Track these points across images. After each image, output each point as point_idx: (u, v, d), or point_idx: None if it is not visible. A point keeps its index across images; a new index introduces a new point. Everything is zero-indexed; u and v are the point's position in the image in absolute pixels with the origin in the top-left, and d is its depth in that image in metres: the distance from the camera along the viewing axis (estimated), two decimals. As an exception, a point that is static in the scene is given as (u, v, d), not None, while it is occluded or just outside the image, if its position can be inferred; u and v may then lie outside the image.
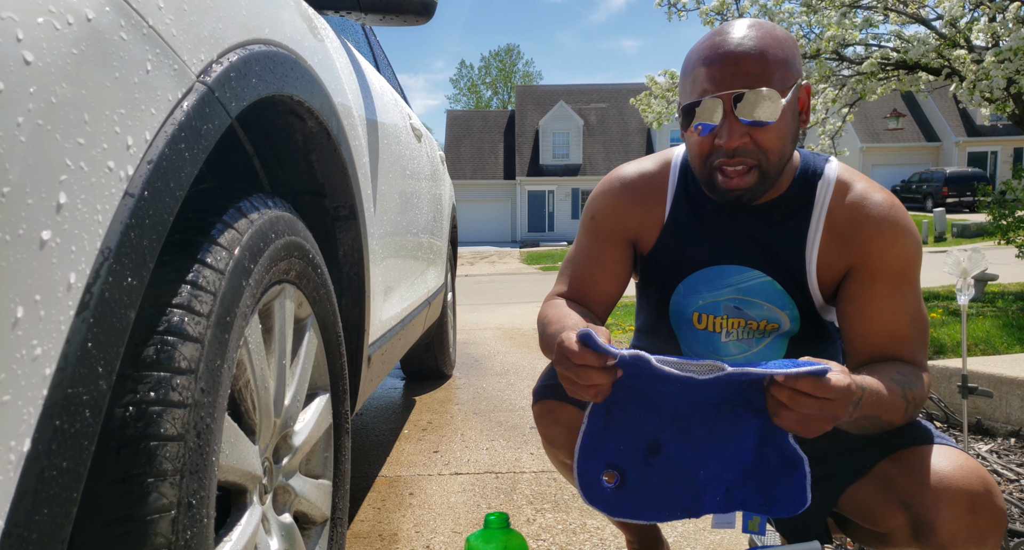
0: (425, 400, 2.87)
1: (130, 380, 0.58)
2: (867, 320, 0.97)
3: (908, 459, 0.90)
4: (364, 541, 1.56)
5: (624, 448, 0.89)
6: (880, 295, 0.96)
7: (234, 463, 0.75)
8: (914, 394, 0.90)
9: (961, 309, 1.46)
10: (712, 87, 0.91)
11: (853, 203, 1.00)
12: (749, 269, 1.05)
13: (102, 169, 0.49)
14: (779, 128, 0.92)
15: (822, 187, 1.02)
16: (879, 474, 0.92)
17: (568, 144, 27.43)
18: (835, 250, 1.00)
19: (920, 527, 0.84)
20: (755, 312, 1.06)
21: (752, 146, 0.93)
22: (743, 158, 0.93)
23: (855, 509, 0.94)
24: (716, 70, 0.91)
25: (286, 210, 0.92)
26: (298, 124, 1.04)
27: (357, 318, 1.38)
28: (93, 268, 0.48)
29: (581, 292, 1.13)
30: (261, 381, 0.84)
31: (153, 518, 0.56)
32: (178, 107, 0.60)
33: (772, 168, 0.95)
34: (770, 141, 0.93)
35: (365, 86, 1.44)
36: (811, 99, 1.00)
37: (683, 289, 1.10)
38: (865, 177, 1.04)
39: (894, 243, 0.97)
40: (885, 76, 5.65)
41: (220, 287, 0.69)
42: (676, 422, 0.88)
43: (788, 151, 0.96)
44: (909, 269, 0.97)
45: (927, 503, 0.84)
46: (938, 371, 2.32)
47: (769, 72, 0.90)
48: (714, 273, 1.07)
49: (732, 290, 1.06)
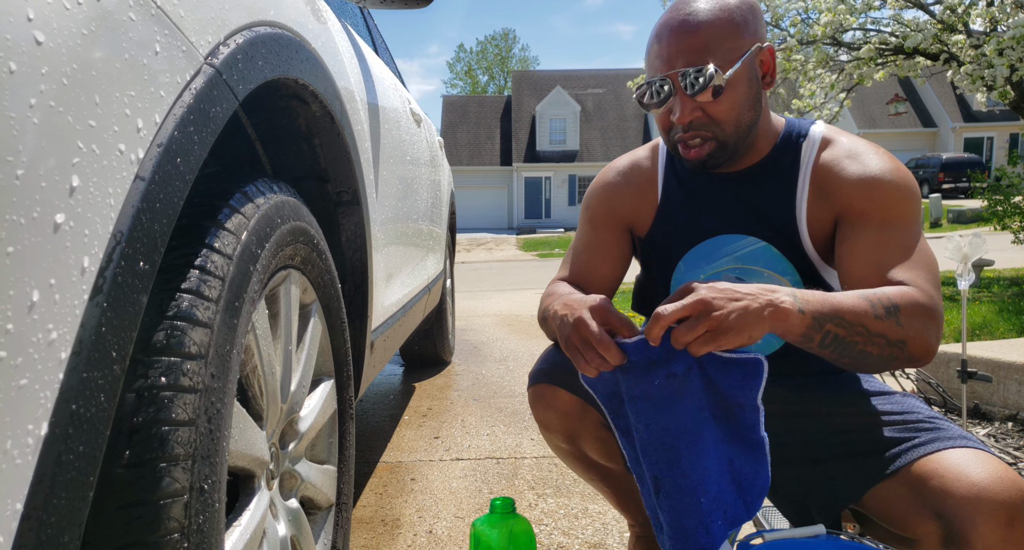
0: (425, 386, 2.88)
1: (141, 365, 0.58)
2: (854, 259, 0.95)
3: (942, 465, 0.85)
4: (367, 526, 1.57)
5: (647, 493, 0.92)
6: (866, 236, 0.95)
7: (242, 448, 0.75)
8: (894, 302, 0.85)
9: (961, 294, 1.47)
10: (662, 65, 0.96)
11: (834, 155, 1.01)
12: (743, 236, 1.05)
13: (113, 152, 0.49)
14: (730, 98, 0.95)
15: (807, 147, 1.03)
16: (910, 478, 0.87)
17: (565, 130, 27.31)
18: (821, 204, 1.00)
19: (952, 538, 0.80)
20: (756, 280, 1.05)
21: (705, 119, 0.96)
22: (698, 131, 0.97)
23: (880, 511, 0.90)
24: (664, 48, 0.95)
25: (291, 195, 0.92)
26: (301, 108, 1.03)
27: (360, 304, 1.37)
28: (106, 252, 0.48)
29: (582, 278, 1.17)
30: (268, 367, 0.84)
31: (166, 502, 0.56)
32: (187, 90, 0.59)
33: (729, 137, 0.98)
34: (722, 113, 0.96)
35: (366, 70, 1.43)
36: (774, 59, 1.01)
37: (683, 267, 1.10)
38: (852, 135, 1.05)
39: (875, 186, 0.96)
40: (883, 62, 5.63)
41: (228, 272, 0.69)
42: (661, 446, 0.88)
43: (747, 118, 0.98)
44: (894, 209, 0.95)
45: (964, 515, 0.80)
46: (936, 357, 2.34)
47: (714, 45, 0.93)
48: (711, 245, 1.08)
49: (731, 259, 1.06)
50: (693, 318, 0.79)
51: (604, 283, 1.16)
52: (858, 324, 0.83)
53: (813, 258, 1.03)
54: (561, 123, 27.35)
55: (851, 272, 0.95)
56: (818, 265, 1.03)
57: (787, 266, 1.04)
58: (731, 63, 0.94)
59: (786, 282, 1.04)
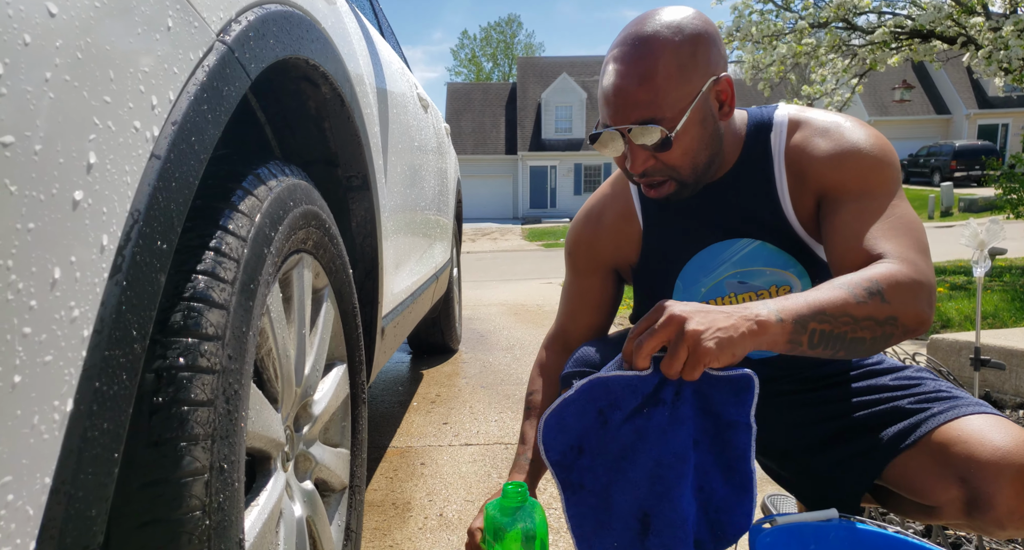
0: (433, 374, 2.89)
1: (160, 345, 0.58)
2: (836, 235, 0.93)
3: (964, 430, 0.86)
4: (378, 509, 1.58)
5: (618, 541, 0.85)
6: (845, 210, 0.93)
7: (259, 430, 0.75)
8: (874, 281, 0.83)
9: (976, 282, 1.45)
10: (611, 115, 0.92)
11: (804, 136, 0.99)
12: (736, 240, 1.04)
13: (128, 129, 0.48)
14: (682, 146, 0.92)
15: (775, 136, 1.01)
16: (932, 446, 0.88)
17: (571, 118, 27.16)
18: (801, 188, 0.99)
19: (976, 502, 0.81)
20: (760, 280, 1.04)
21: (660, 166, 0.95)
22: (654, 177, 0.96)
23: (901, 481, 0.91)
24: (609, 102, 0.92)
25: (302, 179, 0.91)
26: (311, 90, 1.03)
27: (370, 290, 1.37)
28: (124, 230, 0.47)
29: (568, 330, 1.21)
30: (283, 350, 0.84)
31: (187, 481, 0.56)
32: (200, 67, 0.58)
33: (687, 177, 0.96)
34: (676, 159, 0.94)
35: (374, 52, 1.42)
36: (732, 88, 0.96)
37: (682, 284, 1.09)
38: (819, 111, 1.02)
39: (846, 158, 0.94)
40: (898, 45, 5.55)
41: (243, 254, 0.69)
42: (651, 477, 0.84)
43: (703, 157, 0.96)
44: (869, 178, 0.93)
45: (988, 478, 0.81)
46: (947, 344, 2.32)
47: (661, 98, 0.89)
48: (706, 256, 1.06)
49: (729, 265, 1.05)
50: (672, 343, 0.77)
51: (590, 331, 1.19)
52: (842, 315, 0.81)
53: (809, 242, 1.01)
54: (567, 110, 27.19)
55: (834, 248, 0.93)
56: (815, 248, 1.02)
57: (787, 259, 1.03)
58: (681, 112, 0.90)
59: (789, 274, 1.03)
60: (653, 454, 0.83)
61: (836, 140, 0.96)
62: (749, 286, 1.05)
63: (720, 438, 0.86)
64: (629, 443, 0.83)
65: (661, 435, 0.83)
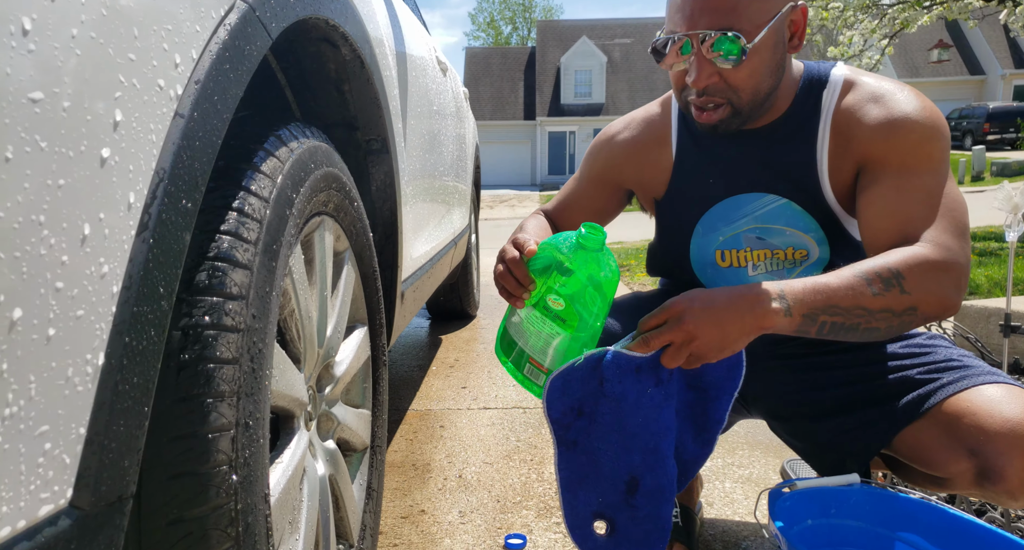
0: (451, 339, 2.91)
1: (185, 304, 0.59)
2: (872, 209, 0.91)
3: (974, 402, 0.85)
4: (399, 470, 1.62)
5: (603, 496, 0.88)
6: (886, 183, 0.90)
7: (283, 389, 0.77)
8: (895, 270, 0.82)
9: (1009, 247, 1.42)
10: (682, 24, 0.88)
11: (856, 99, 0.96)
12: (763, 194, 1.02)
13: (153, 87, 0.48)
14: (751, 66, 0.89)
15: (827, 94, 0.98)
16: (942, 417, 0.87)
17: (591, 82, 26.70)
18: (842, 152, 0.96)
19: (986, 474, 0.81)
20: (778, 239, 1.03)
21: (722, 84, 0.91)
22: (712, 97, 0.92)
23: (911, 452, 0.90)
24: (684, 6, 0.88)
25: (323, 141, 0.91)
26: (331, 52, 1.02)
27: (390, 254, 1.38)
28: (150, 189, 0.48)
29: (558, 219, 1.20)
30: (305, 311, 0.85)
31: (214, 436, 0.58)
32: (221, 25, 0.58)
33: (745, 105, 0.93)
34: (741, 80, 0.90)
35: (393, 14, 1.40)
36: (806, 19, 0.94)
37: (701, 229, 1.07)
38: (876, 75, 0.99)
39: (896, 128, 0.90)
40: (931, 3, 5.35)
41: (265, 215, 0.69)
42: (644, 449, 0.87)
43: (766, 85, 0.93)
44: (916, 152, 0.90)
45: (998, 450, 0.80)
46: (976, 311, 2.29)
47: (743, 5, 0.85)
48: (730, 205, 1.04)
49: (750, 219, 1.03)
50: (675, 347, 0.81)
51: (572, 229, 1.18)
52: (855, 307, 0.81)
53: (836, 211, 0.99)
54: (587, 75, 26.72)
55: (869, 223, 0.91)
56: (842, 218, 1.00)
57: (809, 222, 1.01)
58: (758, 28, 0.87)
59: (809, 239, 1.02)
60: (649, 428, 0.87)
61: (888, 108, 0.92)
62: (766, 243, 1.04)
63: (703, 407, 0.91)
64: (626, 413, 0.86)
65: (657, 411, 0.87)
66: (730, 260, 1.07)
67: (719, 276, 1.09)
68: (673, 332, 0.81)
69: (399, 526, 1.35)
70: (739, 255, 1.06)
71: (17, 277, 0.36)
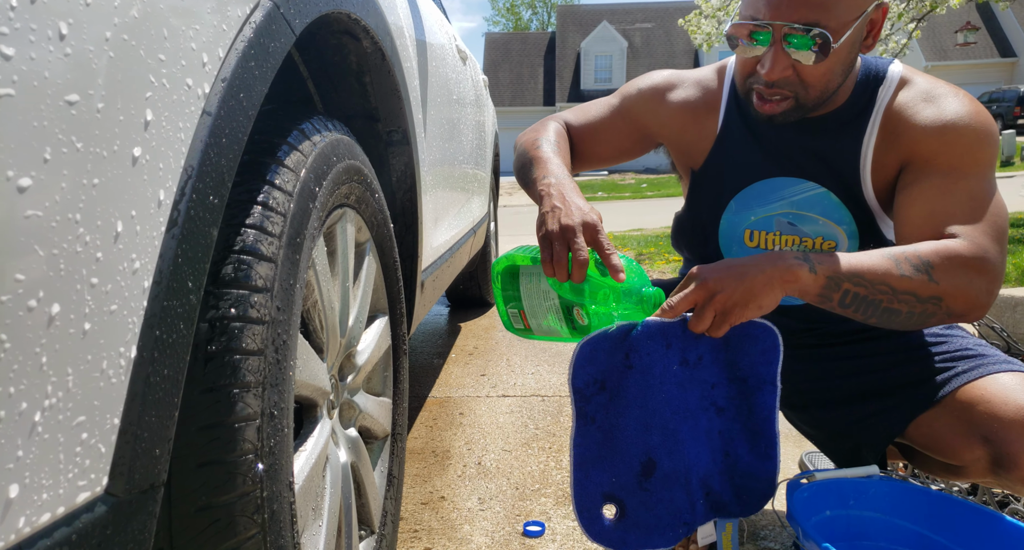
0: (470, 326, 2.93)
1: (212, 297, 0.61)
2: (911, 207, 0.90)
3: (988, 390, 0.86)
4: (419, 456, 1.64)
5: (616, 477, 0.86)
6: (929, 182, 0.89)
7: (306, 378, 0.79)
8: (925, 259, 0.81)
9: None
10: (766, 9, 0.85)
11: (909, 97, 0.95)
12: (803, 180, 1.01)
13: (181, 87, 0.49)
14: (829, 64, 0.87)
15: (883, 90, 0.96)
16: (955, 405, 0.88)
17: (611, 68, 26.41)
18: (887, 149, 0.95)
19: (1001, 461, 0.82)
20: (810, 227, 1.02)
21: (795, 79, 0.89)
22: (781, 89, 0.90)
23: (926, 440, 0.91)
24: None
25: (345, 134, 0.92)
26: (352, 44, 1.02)
27: (410, 244, 1.39)
28: (179, 186, 0.49)
29: (580, 139, 1.15)
30: (328, 302, 0.86)
31: (240, 425, 0.59)
32: (247, 23, 0.59)
33: (813, 98, 0.91)
34: (815, 77, 0.88)
35: (413, 3, 1.40)
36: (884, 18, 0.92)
37: (735, 206, 1.07)
38: (932, 77, 0.98)
39: (947, 130, 0.89)
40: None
41: (289, 209, 0.70)
42: (663, 429, 0.86)
43: (836, 83, 0.91)
44: (965, 155, 0.88)
45: (1012, 437, 0.81)
46: (1002, 301, 2.25)
47: (831, 2, 0.83)
48: (767, 186, 1.04)
49: (785, 204, 1.03)
50: (699, 307, 0.80)
51: (593, 159, 1.16)
52: (880, 283, 0.80)
53: (873, 207, 0.99)
54: (607, 60, 26.43)
55: (906, 221, 0.90)
56: (877, 215, 0.99)
57: (844, 214, 1.00)
58: (845, 26, 0.84)
59: (840, 231, 1.01)
60: (671, 405, 0.86)
61: (940, 108, 0.91)
62: (797, 230, 1.03)
63: (746, 403, 0.88)
64: (649, 388, 0.86)
65: (681, 390, 0.86)
66: (758, 241, 1.06)
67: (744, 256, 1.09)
68: (695, 291, 0.80)
69: (419, 512, 1.38)
70: (768, 237, 1.05)
71: (55, 274, 0.37)
